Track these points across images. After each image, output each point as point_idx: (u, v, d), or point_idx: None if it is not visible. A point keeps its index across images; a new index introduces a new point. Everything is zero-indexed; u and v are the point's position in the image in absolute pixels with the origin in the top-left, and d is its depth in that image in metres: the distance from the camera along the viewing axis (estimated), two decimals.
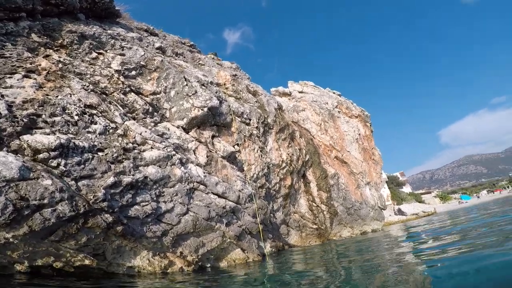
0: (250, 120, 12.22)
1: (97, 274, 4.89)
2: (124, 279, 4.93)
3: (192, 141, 8.42)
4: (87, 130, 6.32)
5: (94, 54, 8.57)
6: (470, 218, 12.89)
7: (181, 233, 6.03)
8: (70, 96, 6.63)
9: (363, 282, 3.83)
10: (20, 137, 4.96)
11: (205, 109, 9.58)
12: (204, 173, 7.54)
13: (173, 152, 7.12)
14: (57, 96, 6.44)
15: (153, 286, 4.73)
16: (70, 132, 6.10)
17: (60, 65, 7.28)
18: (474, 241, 5.87)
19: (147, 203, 5.72)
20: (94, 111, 6.82)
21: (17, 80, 6.15)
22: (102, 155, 5.99)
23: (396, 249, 7.21)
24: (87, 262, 4.28)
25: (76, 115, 6.35)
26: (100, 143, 6.24)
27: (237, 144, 10.67)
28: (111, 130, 6.68)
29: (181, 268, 5.96)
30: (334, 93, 19.91)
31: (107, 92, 7.90)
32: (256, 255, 8.97)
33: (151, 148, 6.84)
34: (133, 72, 8.96)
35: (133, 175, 5.88)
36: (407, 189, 44.04)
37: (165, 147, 7.10)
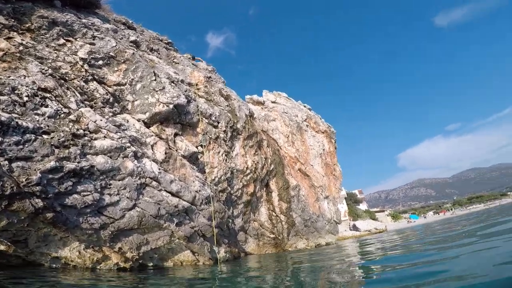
0: (218, 123, 12.22)
1: (16, 263, 4.45)
2: (42, 272, 4.51)
3: (152, 136, 8.20)
4: (35, 112, 5.99)
5: (61, 41, 8.29)
6: (411, 236, 13.93)
7: (123, 228, 5.77)
8: (24, 78, 6.36)
9: None
10: None
11: (171, 105, 9.43)
12: (159, 169, 7.34)
13: (128, 144, 6.87)
14: (9, 77, 6.17)
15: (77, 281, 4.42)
16: (16, 112, 5.73)
17: (21, 48, 6.99)
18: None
19: (89, 193, 5.43)
20: (48, 95, 6.51)
21: None
22: (47, 138, 5.65)
23: (345, 261, 7.50)
24: (2, 247, 3.91)
25: (26, 96, 6.04)
26: (48, 126, 5.91)
27: (201, 145, 10.57)
28: (62, 115, 6.39)
29: (117, 264, 5.66)
30: (305, 106, 20.66)
31: (66, 78, 7.64)
32: (208, 259, 8.82)
33: (104, 137, 6.55)
34: (100, 62, 8.73)
35: (78, 162, 5.56)
36: (363, 206, 46.63)
37: (119, 138, 6.84)
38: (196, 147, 10.29)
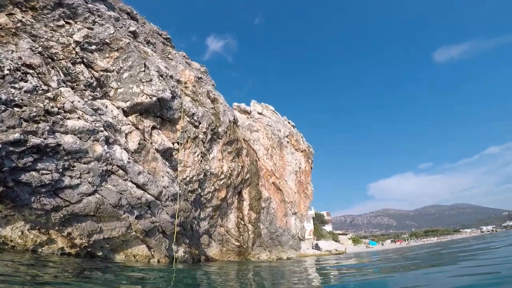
0: (200, 123, 12.32)
1: None
2: None
3: (128, 124, 8.20)
4: (12, 85, 5.99)
5: (61, 22, 8.38)
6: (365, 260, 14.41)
7: (77, 213, 5.67)
8: (12, 53, 6.44)
9: None
10: None
11: (154, 98, 9.48)
12: (129, 159, 7.33)
13: (101, 128, 6.85)
14: None
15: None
16: None
17: (18, 24, 7.07)
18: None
19: (48, 172, 5.35)
20: (31, 71, 6.57)
21: None
22: (18, 111, 5.59)
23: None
24: None
25: (8, 69, 6.08)
26: (22, 99, 5.90)
27: (178, 143, 10.61)
28: (40, 91, 6.41)
29: (62, 249, 5.51)
30: (289, 122, 21.17)
31: (55, 57, 7.70)
32: (164, 256, 8.73)
33: (78, 118, 6.52)
34: (93, 47, 8.82)
35: (45, 138, 5.51)
36: (328, 227, 47.84)
37: (94, 121, 6.81)
38: (173, 143, 10.32)
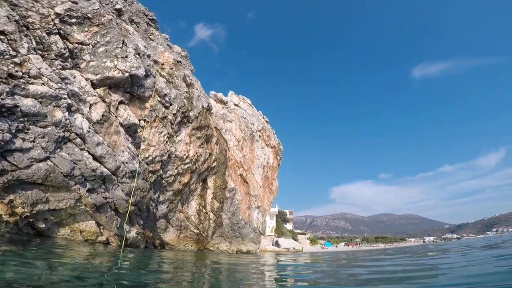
0: (171, 105, 12.03)
1: None
2: None
3: (94, 96, 7.83)
4: None
5: None
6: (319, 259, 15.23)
7: (23, 180, 5.34)
8: None
9: None
10: None
11: (127, 74, 9.14)
12: (89, 128, 7.01)
13: (65, 96, 6.50)
14: None
15: None
16: None
17: None
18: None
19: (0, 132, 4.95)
20: (2, 37, 6.23)
21: None
22: None
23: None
24: None
25: None
26: None
27: (145, 120, 10.29)
28: (7, 56, 6.17)
29: None
30: (263, 118, 21.42)
31: (30, 27, 7.43)
32: (113, 235, 8.49)
33: (43, 84, 6.17)
34: (74, 20, 8.58)
35: (2, 99, 5.11)
36: (289, 226, 49.60)
37: (58, 89, 6.45)
38: (139, 120, 10.00)
